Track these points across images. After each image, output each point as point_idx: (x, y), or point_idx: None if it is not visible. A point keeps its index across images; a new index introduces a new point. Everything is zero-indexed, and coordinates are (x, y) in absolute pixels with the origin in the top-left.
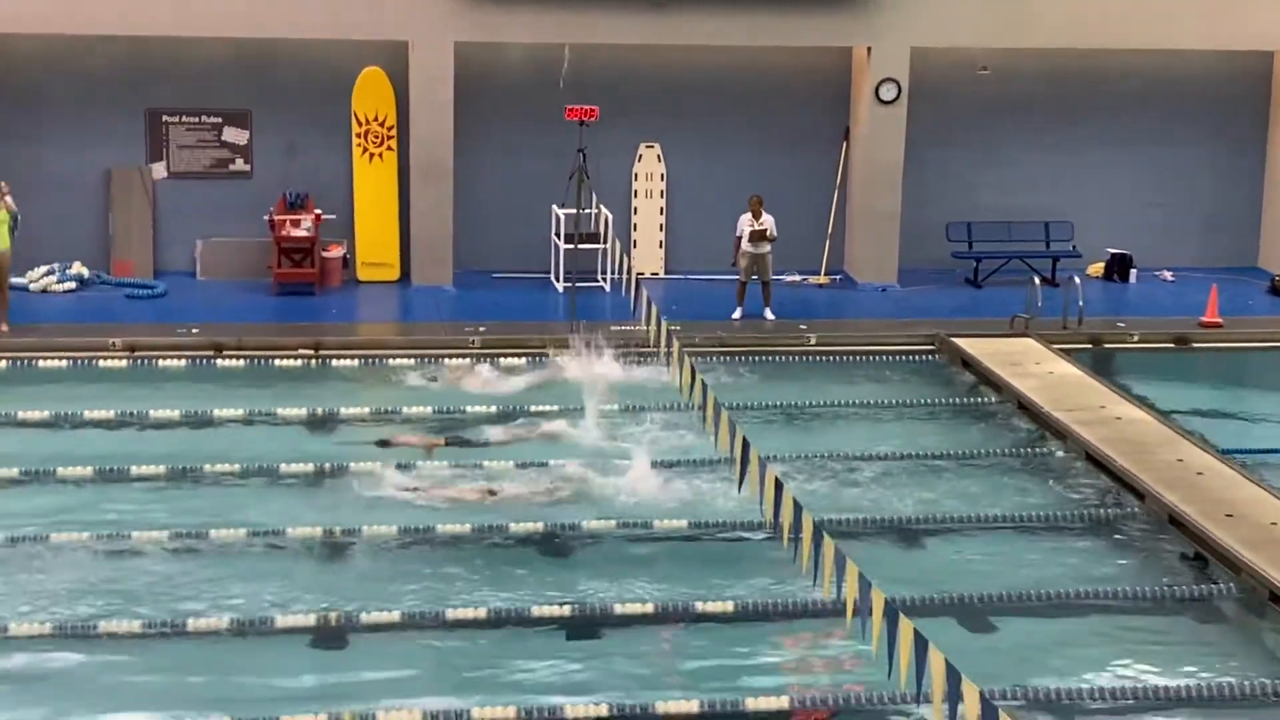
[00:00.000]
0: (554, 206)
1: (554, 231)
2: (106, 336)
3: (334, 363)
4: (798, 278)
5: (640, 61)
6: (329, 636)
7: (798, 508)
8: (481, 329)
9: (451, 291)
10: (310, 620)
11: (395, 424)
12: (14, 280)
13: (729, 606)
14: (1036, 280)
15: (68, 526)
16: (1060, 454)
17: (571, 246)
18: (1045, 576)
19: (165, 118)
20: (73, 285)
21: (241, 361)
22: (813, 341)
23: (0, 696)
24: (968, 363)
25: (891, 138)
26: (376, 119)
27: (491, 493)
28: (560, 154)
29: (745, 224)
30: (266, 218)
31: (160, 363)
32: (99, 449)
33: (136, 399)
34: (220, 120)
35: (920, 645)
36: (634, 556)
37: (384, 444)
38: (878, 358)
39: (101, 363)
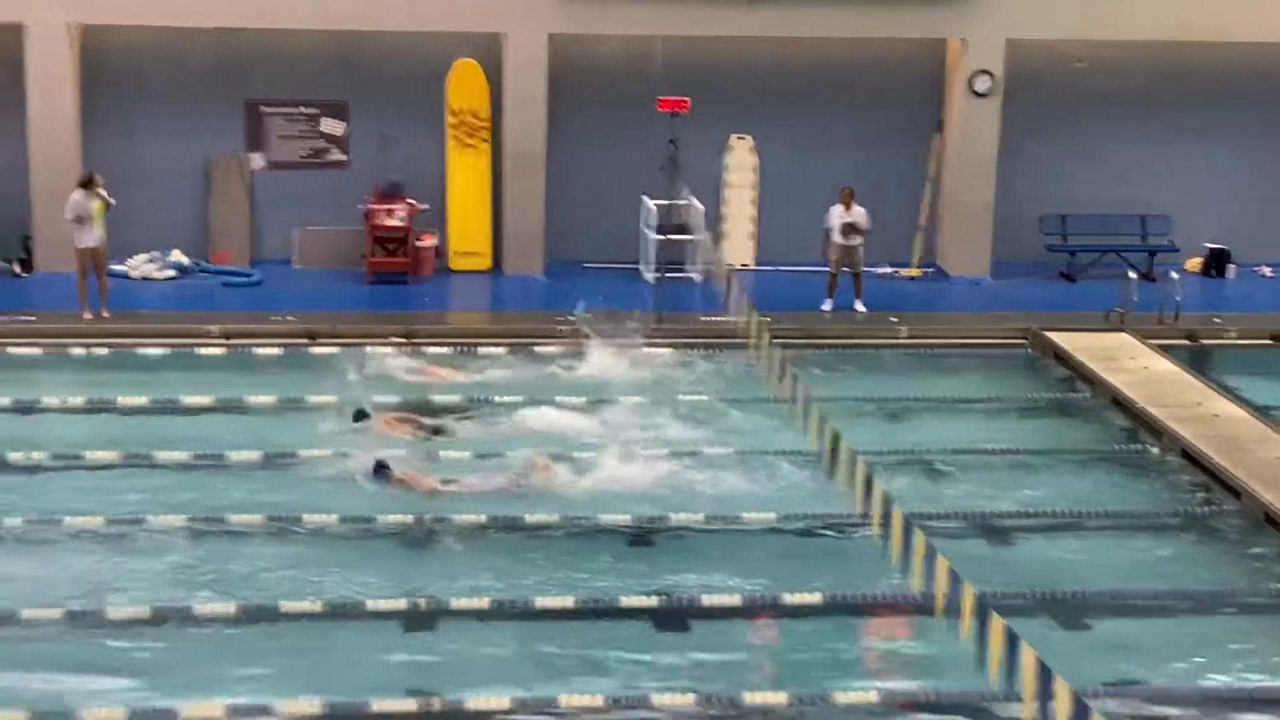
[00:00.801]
0: (644, 197)
1: (644, 222)
2: (204, 324)
3: (426, 350)
4: (889, 270)
5: (733, 53)
6: (419, 621)
7: (888, 501)
8: (570, 318)
9: (542, 281)
10: (401, 605)
11: (484, 409)
12: (115, 267)
13: (818, 599)
14: (1132, 274)
15: (165, 510)
16: (1155, 451)
17: (662, 237)
18: (1139, 574)
19: (264, 108)
20: (172, 273)
21: (335, 349)
22: (904, 334)
23: (99, 677)
24: (1061, 357)
25: (985, 130)
26: (470, 110)
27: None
28: (652, 145)
29: (836, 216)
30: (361, 207)
31: (257, 350)
32: (196, 434)
33: (233, 385)
34: (318, 111)
35: (1011, 642)
36: (721, 548)
37: (361, 416)
38: (969, 351)
39: (199, 349)
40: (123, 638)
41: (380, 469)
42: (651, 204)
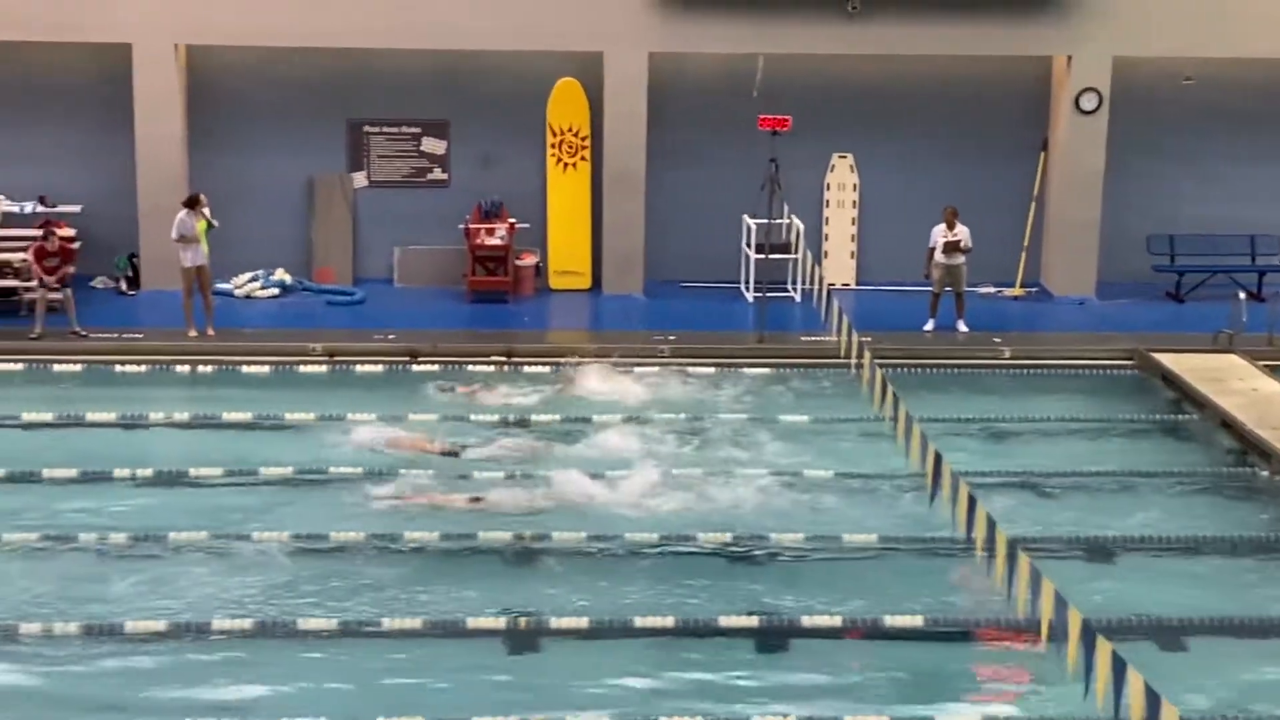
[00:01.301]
0: (745, 216)
1: (744, 241)
2: (307, 342)
3: (524, 368)
4: (992, 289)
5: (834, 71)
6: (520, 641)
7: (991, 523)
8: (671, 338)
9: (641, 300)
10: (501, 624)
11: (584, 426)
12: (220, 286)
13: (919, 621)
14: (1241, 295)
15: (267, 525)
16: (1264, 474)
17: (762, 256)
18: (1248, 599)
19: (366, 128)
20: (275, 291)
21: (436, 367)
22: (1007, 355)
23: (202, 693)
24: (1168, 379)
25: (1091, 148)
26: (570, 129)
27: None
28: (752, 164)
29: (939, 235)
30: (462, 226)
31: (358, 368)
32: (297, 451)
33: (335, 403)
34: (419, 130)
35: (1118, 666)
36: (822, 569)
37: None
38: (1074, 372)
39: (302, 368)
40: (223, 652)
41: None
42: (751, 223)
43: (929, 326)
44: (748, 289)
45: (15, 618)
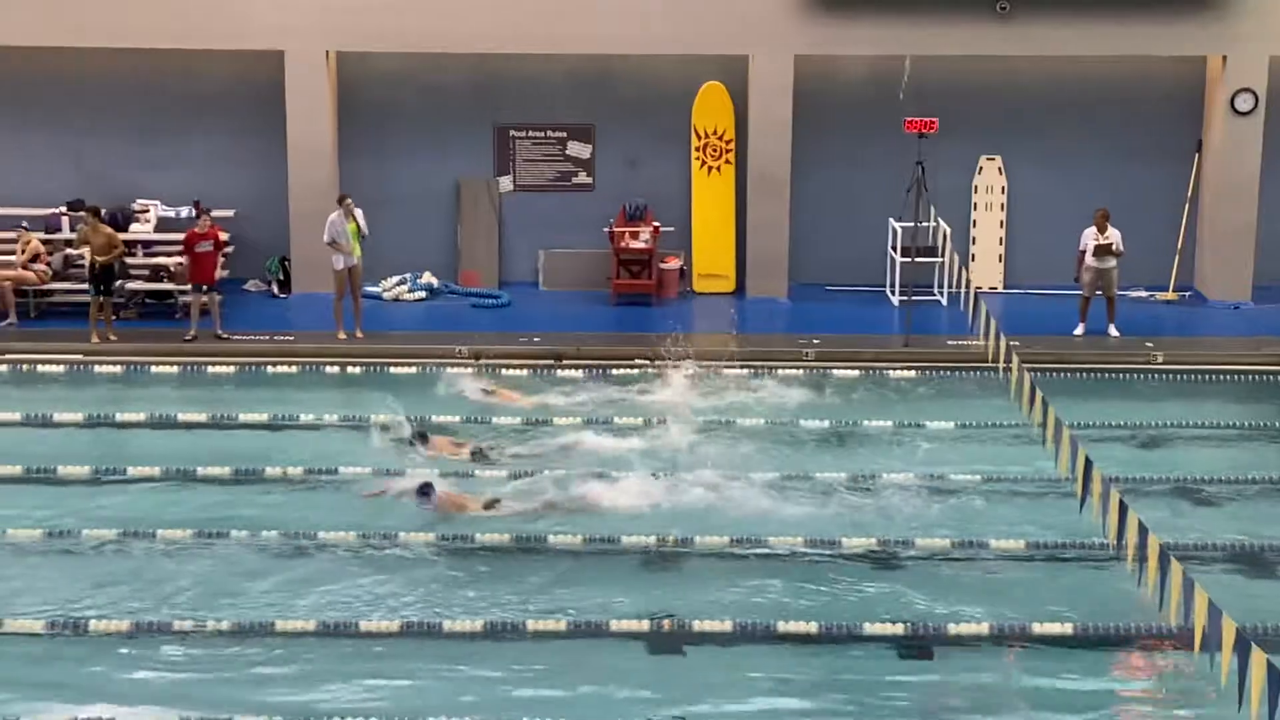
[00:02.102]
0: (890, 219)
1: (890, 244)
2: (453, 344)
3: (668, 372)
4: (1144, 294)
5: (982, 72)
6: (662, 643)
7: (1143, 530)
8: (816, 341)
9: (786, 304)
10: (644, 626)
11: (721, 429)
12: (368, 289)
13: (1068, 630)
14: None
15: (413, 526)
16: None
17: (908, 260)
18: None
19: (512, 132)
20: (423, 294)
21: (580, 371)
22: (1159, 360)
23: (346, 691)
24: None
25: (1248, 150)
26: (715, 132)
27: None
28: (897, 166)
29: (1089, 238)
30: (607, 230)
31: (503, 370)
32: None
33: (480, 405)
34: (565, 134)
35: (1274, 679)
36: (968, 575)
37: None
38: (1228, 377)
39: (449, 369)
40: (368, 651)
41: (425, 491)
42: (897, 226)
43: (1079, 331)
44: (893, 292)
45: (167, 615)
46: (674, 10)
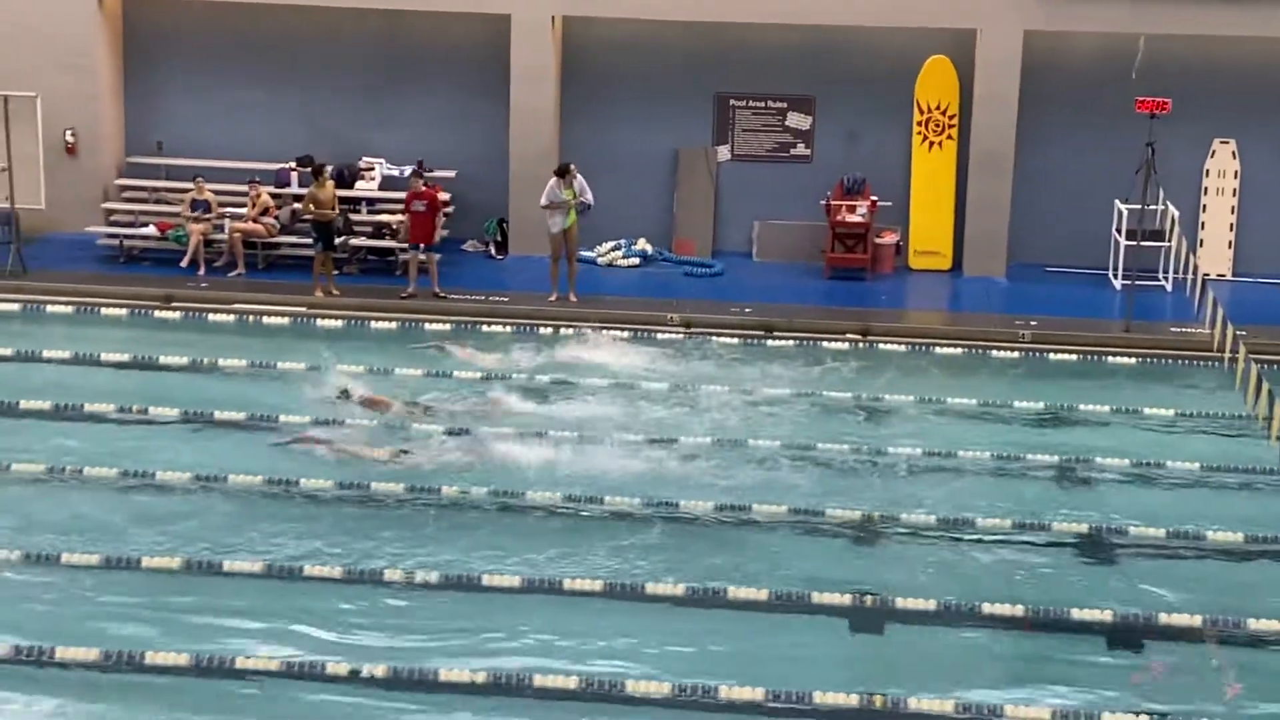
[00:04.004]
0: (1116, 201)
1: (1115, 227)
2: (664, 311)
3: (880, 348)
4: None
5: (1218, 53)
6: (865, 619)
7: None
8: (1033, 323)
9: (1003, 284)
10: (846, 601)
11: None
12: (583, 254)
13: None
14: None
15: (616, 490)
16: None
17: (1133, 243)
18: None
19: (733, 102)
20: (636, 261)
21: (790, 342)
22: None
23: (548, 647)
24: None
25: None
26: (939, 107)
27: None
28: (1125, 147)
29: None
30: (823, 202)
31: (714, 339)
32: (654, 417)
33: (690, 374)
34: (785, 105)
35: None
36: (1184, 567)
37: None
38: None
39: (659, 336)
40: (573, 608)
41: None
42: (1124, 208)
43: None
44: (1116, 276)
45: (382, 565)
46: None
